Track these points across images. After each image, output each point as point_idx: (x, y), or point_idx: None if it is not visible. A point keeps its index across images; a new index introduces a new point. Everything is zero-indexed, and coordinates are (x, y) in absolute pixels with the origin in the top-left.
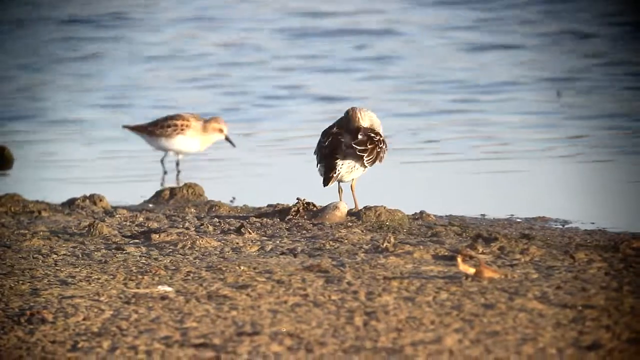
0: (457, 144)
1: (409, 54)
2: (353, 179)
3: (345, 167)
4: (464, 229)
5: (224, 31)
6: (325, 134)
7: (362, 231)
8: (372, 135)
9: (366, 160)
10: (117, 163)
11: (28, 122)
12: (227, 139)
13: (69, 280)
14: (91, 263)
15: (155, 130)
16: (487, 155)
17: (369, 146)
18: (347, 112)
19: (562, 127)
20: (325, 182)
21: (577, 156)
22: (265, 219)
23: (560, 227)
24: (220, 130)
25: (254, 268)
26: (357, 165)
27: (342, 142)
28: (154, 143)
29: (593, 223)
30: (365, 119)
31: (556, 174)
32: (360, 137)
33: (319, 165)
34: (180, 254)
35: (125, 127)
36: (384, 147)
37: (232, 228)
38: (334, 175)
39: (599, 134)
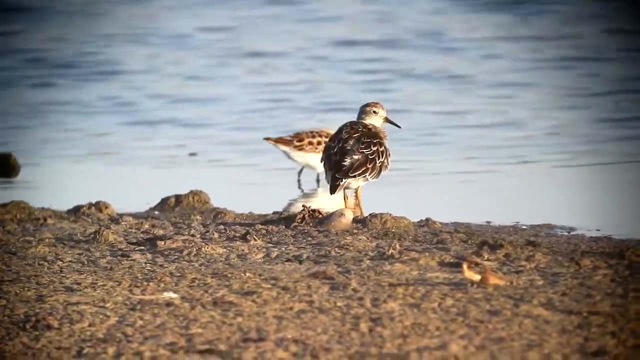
0: (463, 152)
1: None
2: (359, 186)
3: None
4: (470, 236)
5: None
6: (334, 139)
7: (368, 238)
8: (370, 150)
9: (370, 178)
10: (123, 170)
11: (34, 128)
12: None
13: (75, 286)
14: (97, 270)
15: (303, 145)
16: (493, 163)
17: (368, 166)
18: (362, 109)
19: (567, 135)
20: (332, 191)
21: (582, 164)
22: (270, 226)
23: (566, 234)
24: None
25: (260, 275)
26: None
27: (348, 150)
28: (299, 157)
29: (598, 230)
30: (374, 119)
31: (562, 181)
32: (356, 157)
33: (326, 173)
34: (186, 261)
35: (267, 139)
36: (384, 160)
37: (237, 235)
38: (341, 183)
39: (605, 141)
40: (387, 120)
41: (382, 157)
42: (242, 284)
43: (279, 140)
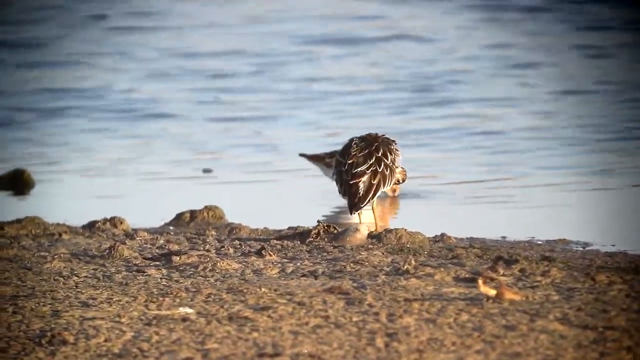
0: (478, 166)
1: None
2: (373, 201)
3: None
4: (485, 251)
5: None
6: (345, 154)
7: (383, 253)
8: (374, 161)
9: (385, 188)
10: (138, 186)
11: (48, 145)
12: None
13: (90, 302)
14: (112, 285)
15: (332, 162)
16: (508, 178)
17: (373, 182)
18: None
19: (582, 150)
20: (353, 211)
21: (597, 179)
22: (285, 242)
23: (581, 249)
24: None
25: (275, 290)
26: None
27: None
28: (329, 174)
29: (614, 245)
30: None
31: (577, 195)
32: (366, 179)
33: (339, 190)
34: (201, 276)
35: (302, 155)
36: (393, 160)
37: (252, 250)
38: (358, 212)
39: (620, 154)
40: None
41: (388, 158)
42: (258, 299)
43: (311, 157)
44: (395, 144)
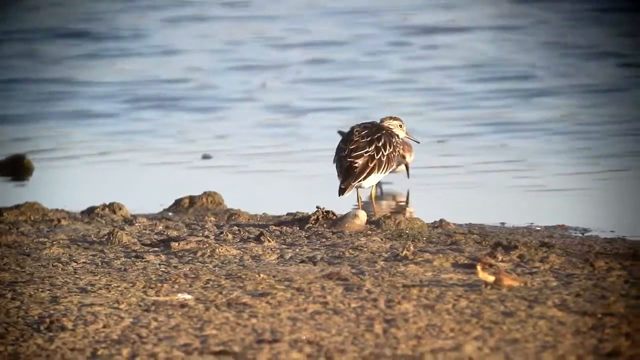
0: (477, 153)
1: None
2: (372, 186)
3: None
4: (484, 237)
5: None
6: (347, 141)
7: (382, 239)
8: (372, 148)
9: (380, 174)
10: (137, 171)
11: (47, 130)
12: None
13: (89, 288)
14: (111, 271)
15: None
16: (506, 162)
17: (370, 165)
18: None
19: (581, 135)
20: (342, 185)
21: (597, 164)
22: (284, 227)
23: (580, 235)
24: (403, 157)
25: (274, 276)
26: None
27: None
28: None
29: (613, 231)
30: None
31: (576, 181)
32: (361, 161)
33: (338, 175)
34: (200, 262)
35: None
36: (391, 151)
37: (251, 236)
38: (347, 190)
39: (618, 141)
40: (407, 136)
41: (387, 149)
42: (256, 285)
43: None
44: (399, 137)
